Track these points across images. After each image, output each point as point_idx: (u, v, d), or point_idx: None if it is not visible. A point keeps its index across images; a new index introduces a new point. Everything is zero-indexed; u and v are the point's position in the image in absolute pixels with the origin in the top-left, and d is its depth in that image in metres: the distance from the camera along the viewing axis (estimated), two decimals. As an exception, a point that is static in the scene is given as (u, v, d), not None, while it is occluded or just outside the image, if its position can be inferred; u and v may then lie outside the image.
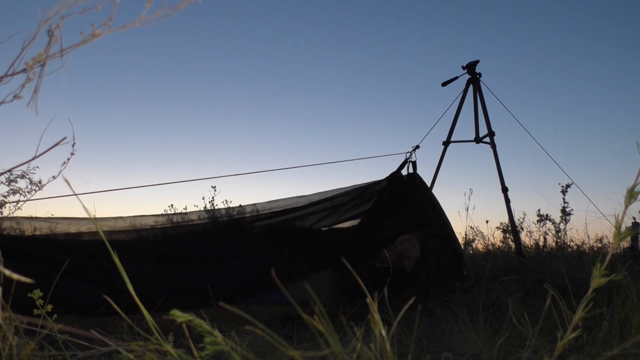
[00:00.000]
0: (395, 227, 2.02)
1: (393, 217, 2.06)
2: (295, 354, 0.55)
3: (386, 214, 2.08)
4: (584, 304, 0.59)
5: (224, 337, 0.54)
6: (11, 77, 0.55)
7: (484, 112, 2.92)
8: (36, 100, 0.53)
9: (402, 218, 2.06)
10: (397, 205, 2.11)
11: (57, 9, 0.52)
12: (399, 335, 1.31)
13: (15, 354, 0.68)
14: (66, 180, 0.50)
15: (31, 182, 2.48)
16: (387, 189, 2.19)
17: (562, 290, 0.85)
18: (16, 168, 0.94)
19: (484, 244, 3.33)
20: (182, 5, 0.54)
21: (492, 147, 2.83)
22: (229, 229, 1.98)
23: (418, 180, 2.25)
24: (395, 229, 2.01)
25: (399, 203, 2.12)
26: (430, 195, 2.25)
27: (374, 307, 0.53)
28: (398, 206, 2.10)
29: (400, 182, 2.22)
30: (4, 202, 2.37)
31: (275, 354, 0.97)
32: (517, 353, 1.12)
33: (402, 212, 2.08)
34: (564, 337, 0.60)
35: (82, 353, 0.71)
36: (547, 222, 2.91)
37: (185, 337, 0.60)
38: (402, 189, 2.19)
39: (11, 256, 1.42)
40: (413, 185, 2.23)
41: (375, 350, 0.53)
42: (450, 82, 2.98)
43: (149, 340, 0.60)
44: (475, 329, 1.24)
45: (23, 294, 0.89)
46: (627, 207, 0.56)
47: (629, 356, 0.83)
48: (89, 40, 0.54)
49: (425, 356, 1.16)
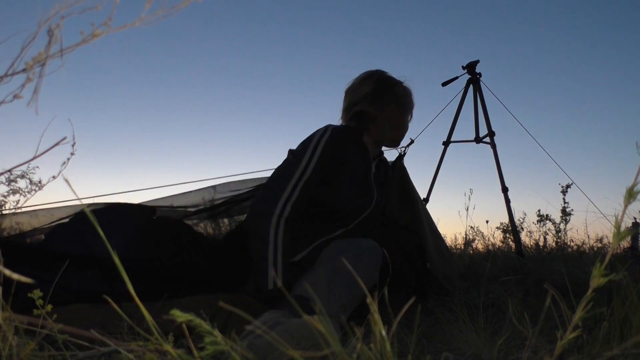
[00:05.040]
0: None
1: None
2: (295, 354, 0.55)
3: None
4: (584, 304, 0.59)
5: (223, 337, 0.54)
6: (11, 77, 0.55)
7: (484, 112, 2.92)
8: (36, 100, 0.53)
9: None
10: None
11: (57, 9, 0.52)
12: (399, 334, 1.31)
13: (15, 354, 0.68)
14: (66, 180, 0.50)
15: (31, 182, 2.48)
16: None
17: (562, 290, 0.85)
18: (16, 168, 0.95)
19: (484, 244, 3.33)
20: (182, 5, 0.54)
21: (492, 147, 2.83)
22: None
23: (399, 166, 2.24)
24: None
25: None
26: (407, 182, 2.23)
27: (374, 307, 0.53)
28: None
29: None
30: (4, 203, 2.37)
31: (274, 353, 0.97)
32: (517, 353, 1.12)
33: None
34: (564, 337, 0.60)
35: (82, 353, 0.71)
36: (547, 222, 2.92)
37: (185, 337, 0.60)
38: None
39: (12, 255, 1.42)
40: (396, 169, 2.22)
41: (375, 350, 0.53)
42: (450, 82, 2.98)
43: (149, 340, 0.60)
44: (475, 329, 1.24)
45: (25, 290, 0.89)
46: (627, 207, 0.56)
47: (629, 356, 0.83)
48: (89, 40, 0.54)
49: (425, 356, 1.16)
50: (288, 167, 1.58)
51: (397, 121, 1.79)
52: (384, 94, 1.78)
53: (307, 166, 1.56)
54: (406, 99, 1.81)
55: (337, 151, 1.61)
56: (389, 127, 1.78)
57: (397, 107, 1.78)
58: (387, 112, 1.76)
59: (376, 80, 1.80)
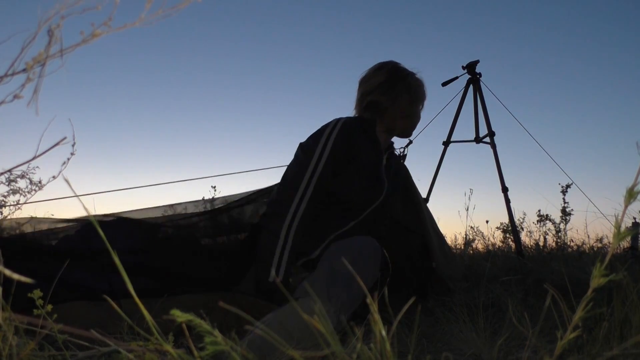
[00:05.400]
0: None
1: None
2: (295, 354, 0.55)
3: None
4: (584, 304, 0.59)
5: (224, 337, 0.54)
6: (11, 77, 0.55)
7: (484, 112, 2.92)
8: (36, 100, 0.53)
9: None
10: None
11: (57, 9, 0.52)
12: (399, 334, 1.31)
13: (15, 354, 0.68)
14: (66, 180, 0.50)
15: (31, 182, 2.48)
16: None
17: (562, 290, 0.85)
18: (16, 168, 0.95)
19: (484, 244, 3.33)
20: (182, 5, 0.54)
21: (492, 147, 2.83)
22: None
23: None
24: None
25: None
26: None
27: (374, 307, 0.53)
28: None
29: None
30: (4, 203, 2.37)
31: (274, 353, 0.97)
32: (517, 353, 1.12)
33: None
34: (564, 337, 0.60)
35: (82, 353, 0.71)
36: (547, 222, 2.91)
37: (185, 337, 0.60)
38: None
39: (12, 254, 1.42)
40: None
41: (375, 350, 0.53)
42: (450, 82, 2.98)
43: (149, 340, 0.60)
44: (475, 329, 1.24)
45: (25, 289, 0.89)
46: (627, 207, 0.56)
47: (629, 356, 0.83)
48: (89, 40, 0.54)
49: (425, 356, 1.16)
50: (300, 164, 1.59)
51: (408, 111, 1.80)
52: (396, 83, 1.79)
53: (318, 161, 1.57)
54: (418, 89, 1.82)
55: (347, 144, 1.62)
56: (400, 117, 1.79)
57: (409, 97, 1.79)
58: (399, 102, 1.78)
59: (389, 70, 1.81)
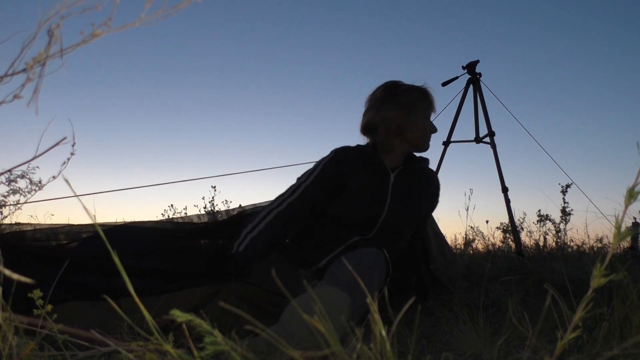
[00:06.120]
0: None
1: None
2: (295, 354, 0.55)
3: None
4: (584, 304, 0.59)
5: (224, 337, 0.54)
6: (11, 77, 0.55)
7: (484, 112, 2.92)
8: (36, 100, 0.53)
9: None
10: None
11: (57, 9, 0.52)
12: (399, 334, 1.31)
13: (15, 354, 0.68)
14: (66, 180, 0.50)
15: (31, 182, 2.48)
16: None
17: (562, 290, 0.85)
18: (16, 168, 0.95)
19: (484, 244, 3.32)
20: (182, 5, 0.54)
21: (492, 147, 2.83)
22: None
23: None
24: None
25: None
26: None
27: (374, 306, 0.53)
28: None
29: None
30: (4, 203, 2.37)
31: (274, 353, 0.97)
32: (517, 353, 1.12)
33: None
34: (564, 337, 0.60)
35: (82, 353, 0.71)
36: (547, 222, 2.91)
37: (185, 337, 0.60)
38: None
39: (12, 253, 1.42)
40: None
41: (375, 350, 0.53)
42: (450, 82, 2.98)
43: (149, 340, 0.60)
44: (475, 329, 1.24)
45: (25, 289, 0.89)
46: (627, 207, 0.56)
47: (629, 356, 0.83)
48: (89, 40, 0.54)
49: (425, 356, 1.16)
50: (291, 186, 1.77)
51: (405, 125, 1.78)
52: (384, 101, 1.80)
53: (307, 178, 1.74)
54: (415, 102, 1.79)
55: (337, 170, 1.74)
56: (396, 134, 1.79)
57: (402, 112, 1.77)
58: (390, 119, 1.78)
59: (381, 90, 1.83)
